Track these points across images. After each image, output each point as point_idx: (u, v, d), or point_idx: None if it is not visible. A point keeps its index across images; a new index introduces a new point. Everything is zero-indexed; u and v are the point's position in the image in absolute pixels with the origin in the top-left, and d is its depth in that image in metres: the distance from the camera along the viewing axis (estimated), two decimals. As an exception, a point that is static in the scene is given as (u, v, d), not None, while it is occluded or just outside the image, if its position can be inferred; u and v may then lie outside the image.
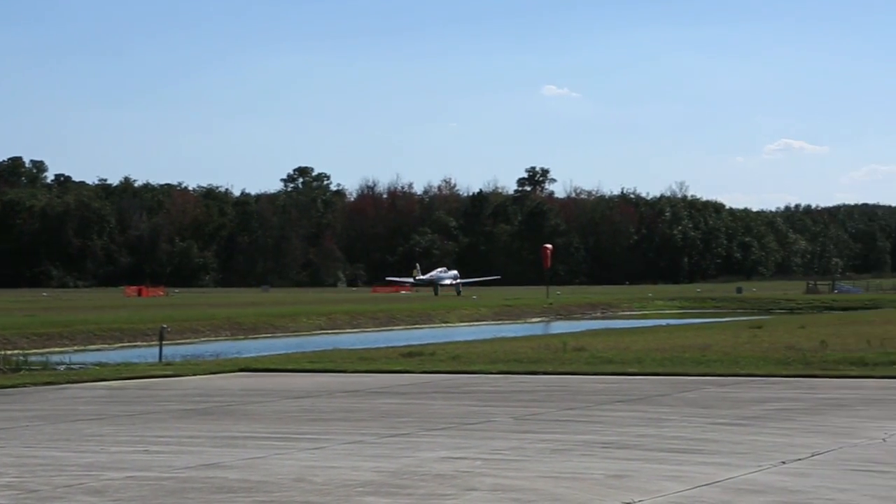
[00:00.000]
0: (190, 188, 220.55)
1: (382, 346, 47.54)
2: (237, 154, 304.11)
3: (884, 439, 18.65)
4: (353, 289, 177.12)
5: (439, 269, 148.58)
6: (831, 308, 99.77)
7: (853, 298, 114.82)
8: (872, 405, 23.50)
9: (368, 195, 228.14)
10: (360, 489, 14.80)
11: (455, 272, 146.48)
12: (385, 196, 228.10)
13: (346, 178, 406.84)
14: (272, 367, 35.96)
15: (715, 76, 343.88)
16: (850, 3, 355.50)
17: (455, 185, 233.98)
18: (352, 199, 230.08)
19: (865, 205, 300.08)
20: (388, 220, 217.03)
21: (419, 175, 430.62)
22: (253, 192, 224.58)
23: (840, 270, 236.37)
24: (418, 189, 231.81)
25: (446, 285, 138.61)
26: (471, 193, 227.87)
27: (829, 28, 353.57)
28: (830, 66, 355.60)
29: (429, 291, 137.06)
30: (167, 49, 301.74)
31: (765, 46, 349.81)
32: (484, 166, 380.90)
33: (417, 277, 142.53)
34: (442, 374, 32.49)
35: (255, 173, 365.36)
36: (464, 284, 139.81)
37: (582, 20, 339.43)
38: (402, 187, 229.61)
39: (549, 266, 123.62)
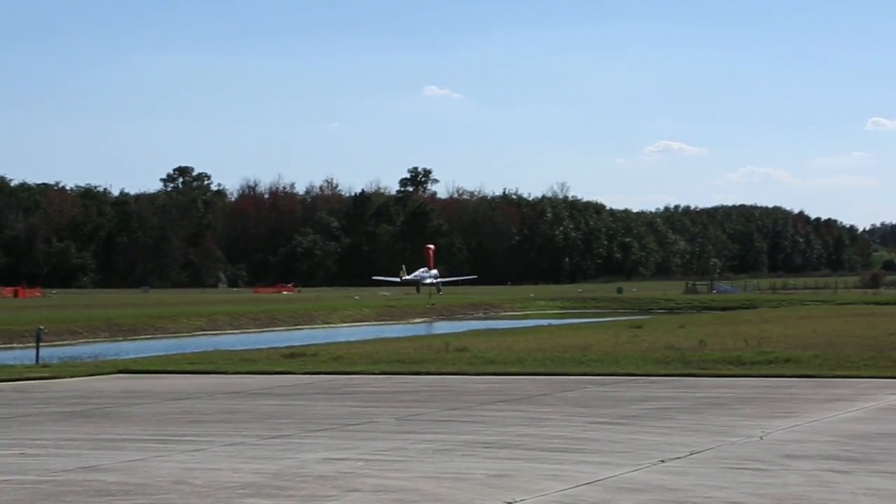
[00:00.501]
0: (67, 188, 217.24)
1: (264, 347, 47.22)
2: (116, 153, 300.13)
3: (761, 437, 18.90)
4: (235, 289, 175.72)
5: (422, 270, 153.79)
6: (710, 308, 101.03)
7: (731, 298, 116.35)
8: (749, 404, 23.82)
9: (249, 195, 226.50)
10: (241, 491, 14.68)
11: (435, 272, 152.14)
12: (266, 196, 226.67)
13: (227, 178, 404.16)
14: (151, 368, 35.58)
15: (595, 77, 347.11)
16: (728, 6, 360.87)
17: (337, 186, 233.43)
18: (233, 200, 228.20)
19: (743, 206, 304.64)
20: (269, 220, 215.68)
21: (301, 175, 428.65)
22: (132, 192, 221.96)
23: (718, 271, 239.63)
24: (300, 189, 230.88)
25: (427, 284, 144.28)
26: (353, 194, 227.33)
27: (707, 30, 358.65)
28: (708, 69, 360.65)
29: (410, 290, 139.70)
30: (45, 48, 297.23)
31: (644, 48, 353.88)
32: (366, 167, 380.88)
33: (404, 277, 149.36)
34: (324, 375, 32.39)
35: (135, 173, 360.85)
36: (443, 283, 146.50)
37: (463, 21, 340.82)
38: (284, 187, 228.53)
39: (431, 266, 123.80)
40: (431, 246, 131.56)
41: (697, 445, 18.03)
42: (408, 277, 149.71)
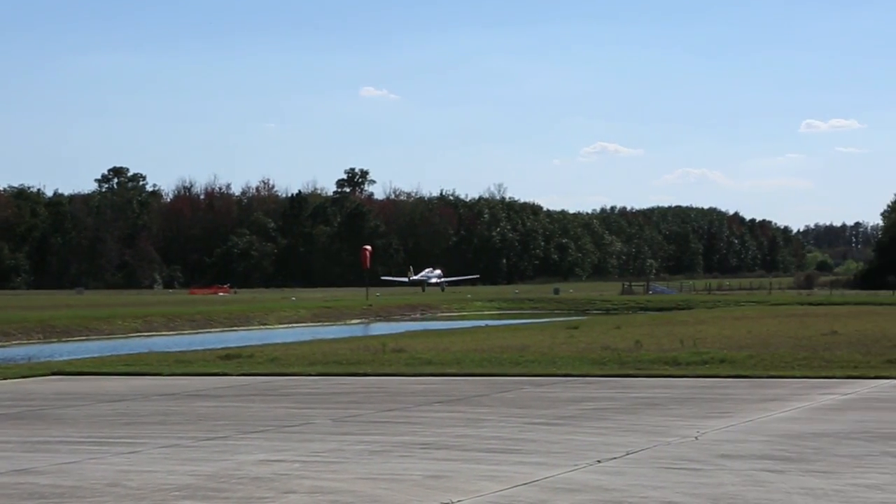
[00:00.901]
0: (0, 188, 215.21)
1: (199, 348, 46.99)
2: (50, 154, 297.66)
3: (696, 437, 19.00)
4: (170, 291, 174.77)
5: (427, 270, 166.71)
6: (646, 309, 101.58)
7: (667, 299, 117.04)
8: (685, 404, 23.95)
9: (185, 196, 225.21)
10: (176, 493, 14.59)
11: (439, 272, 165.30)
12: (202, 197, 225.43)
13: (163, 179, 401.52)
14: (86, 370, 35.28)
15: (532, 79, 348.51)
16: (665, 7, 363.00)
17: (273, 186, 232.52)
18: (168, 200, 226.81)
19: (679, 207, 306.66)
20: (205, 221, 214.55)
21: (237, 176, 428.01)
22: (66, 193, 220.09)
23: (654, 271, 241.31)
24: (236, 190, 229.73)
25: (433, 283, 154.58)
26: (289, 195, 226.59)
27: (644, 32, 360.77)
28: (645, 70, 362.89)
29: (416, 290, 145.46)
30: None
31: (581, 49, 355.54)
32: (303, 167, 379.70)
33: (411, 278, 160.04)
34: (260, 377, 32.25)
35: (69, 173, 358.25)
36: (447, 283, 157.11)
37: (399, 22, 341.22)
38: (220, 188, 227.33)
39: (368, 267, 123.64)
40: (368, 247, 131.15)
41: (633, 446, 18.10)
42: (415, 277, 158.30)
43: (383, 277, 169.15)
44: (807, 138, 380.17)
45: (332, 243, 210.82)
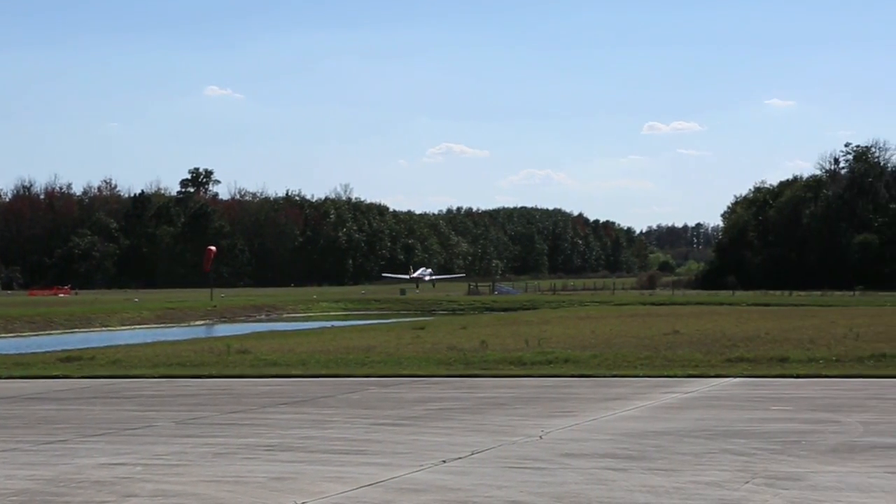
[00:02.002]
0: None
1: (39, 350, 46.16)
2: None
3: (540, 437, 19.14)
4: (9, 292, 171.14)
5: (422, 269, 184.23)
6: (492, 309, 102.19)
7: (512, 299, 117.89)
8: (530, 404, 24.12)
9: (24, 196, 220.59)
10: (14, 498, 14.29)
11: (430, 270, 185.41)
12: (42, 197, 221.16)
13: (1, 179, 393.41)
14: (-79, 373, 34.39)
15: (378, 79, 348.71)
16: (511, 12, 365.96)
17: (116, 186, 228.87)
18: (7, 200, 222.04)
19: (524, 208, 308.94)
20: (45, 221, 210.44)
21: (78, 176, 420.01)
22: None
23: (500, 272, 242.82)
24: (77, 190, 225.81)
25: (426, 281, 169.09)
26: (132, 194, 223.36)
27: (490, 35, 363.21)
28: (490, 72, 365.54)
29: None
30: None
31: (427, 51, 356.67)
32: (146, 167, 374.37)
33: (412, 275, 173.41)
34: (102, 379, 31.79)
35: None
36: (437, 280, 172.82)
37: (244, 22, 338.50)
38: (61, 188, 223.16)
39: (210, 268, 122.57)
40: (213, 247, 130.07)
41: (478, 445, 18.17)
42: (414, 275, 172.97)
43: (384, 274, 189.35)
44: (649, 140, 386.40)
45: (175, 244, 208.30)
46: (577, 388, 27.39)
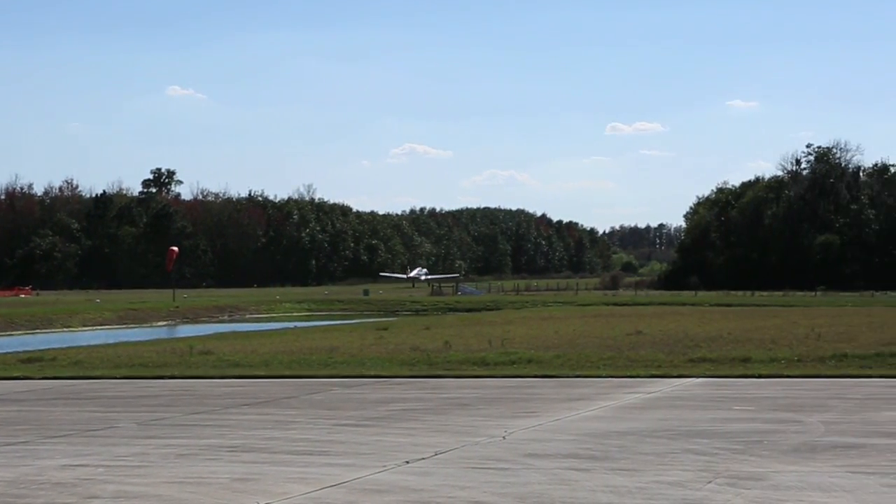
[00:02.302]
0: None
1: (0, 351, 45.83)
2: None
3: (504, 437, 19.15)
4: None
5: (418, 269, 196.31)
6: (455, 309, 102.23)
7: (476, 300, 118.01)
8: (493, 404, 24.13)
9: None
10: (-26, 501, 14.18)
11: (426, 270, 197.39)
12: (3, 197, 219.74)
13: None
14: None
15: (341, 80, 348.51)
16: (475, 12, 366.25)
17: (77, 187, 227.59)
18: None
19: (487, 208, 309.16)
20: (5, 221, 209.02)
21: (39, 176, 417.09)
22: None
23: (463, 272, 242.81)
24: (38, 190, 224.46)
25: (422, 280, 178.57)
26: (94, 195, 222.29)
27: (453, 35, 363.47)
28: (453, 73, 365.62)
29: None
30: None
31: (390, 51, 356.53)
32: (108, 167, 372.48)
33: (409, 275, 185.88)
34: (63, 380, 31.62)
35: None
36: (433, 280, 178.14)
37: (206, 22, 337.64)
38: (22, 188, 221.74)
39: (173, 269, 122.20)
40: (175, 248, 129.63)
41: (442, 446, 18.16)
42: (411, 275, 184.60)
43: (381, 273, 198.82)
44: (612, 141, 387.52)
45: (137, 244, 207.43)
46: (540, 389, 27.42)
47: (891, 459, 16.43)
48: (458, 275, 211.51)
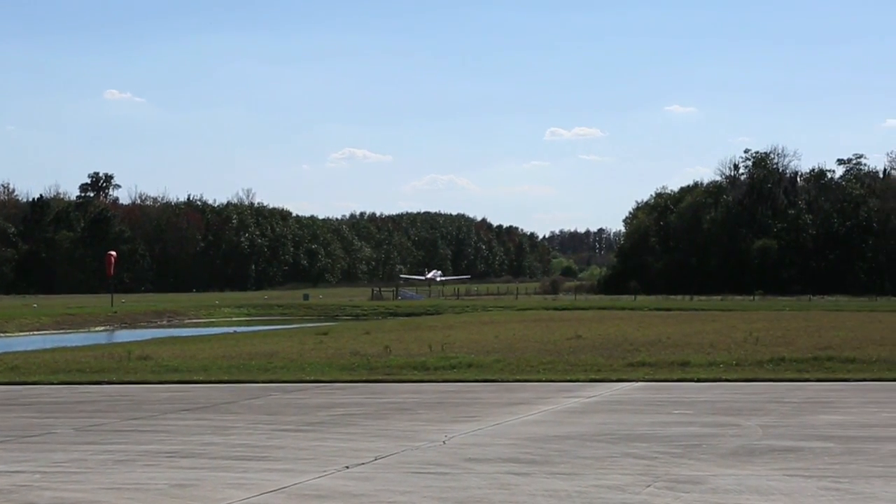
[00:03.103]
0: None
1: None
2: None
3: (444, 441, 19.15)
4: None
5: (434, 271, 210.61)
6: (395, 314, 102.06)
7: (416, 304, 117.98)
8: (433, 409, 24.13)
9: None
10: None
11: (440, 272, 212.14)
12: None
13: None
14: None
15: (280, 83, 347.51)
16: (410, 16, 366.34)
17: (14, 191, 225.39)
18: None
19: (427, 213, 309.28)
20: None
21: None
22: None
23: (401, 277, 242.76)
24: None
25: (437, 282, 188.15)
26: (31, 199, 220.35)
27: (391, 39, 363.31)
28: (392, 77, 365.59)
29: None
30: None
31: (329, 55, 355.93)
32: (45, 171, 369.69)
33: (427, 276, 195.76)
34: (-1, 386, 31.30)
35: None
36: (445, 281, 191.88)
37: (145, 24, 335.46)
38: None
39: (112, 273, 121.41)
40: (113, 252, 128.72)
41: (382, 451, 18.14)
42: (428, 276, 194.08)
43: (402, 276, 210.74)
44: (551, 145, 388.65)
45: (75, 249, 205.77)
46: (480, 393, 27.44)
47: (828, 463, 16.56)
48: (468, 276, 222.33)
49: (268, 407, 25.11)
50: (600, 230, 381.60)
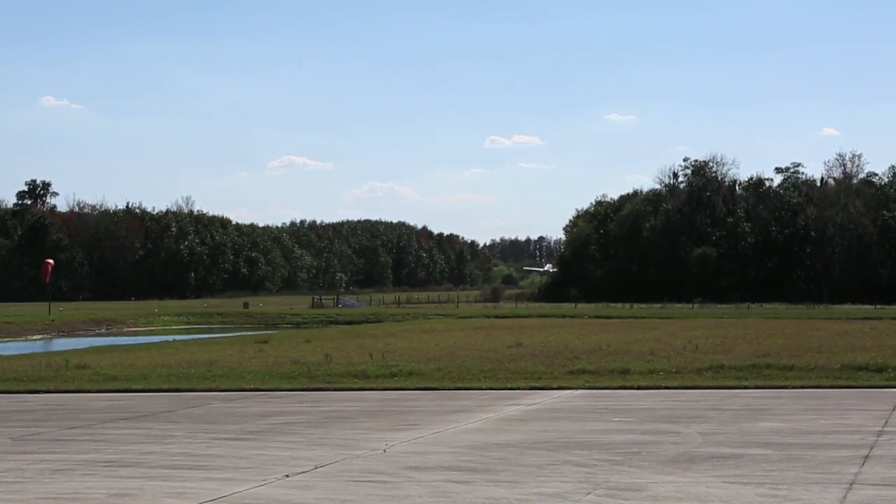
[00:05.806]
0: None
1: None
2: None
3: (384, 450, 19.12)
4: None
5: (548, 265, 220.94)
6: (336, 322, 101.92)
7: (357, 312, 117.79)
8: (374, 417, 24.09)
9: None
10: None
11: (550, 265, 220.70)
12: None
13: None
14: None
15: (219, 92, 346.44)
16: (352, 24, 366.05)
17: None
18: None
19: (368, 221, 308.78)
20: None
21: None
22: None
23: (344, 285, 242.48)
24: None
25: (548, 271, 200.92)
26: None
27: (330, 47, 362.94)
28: (332, 85, 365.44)
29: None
30: None
31: (267, 63, 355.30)
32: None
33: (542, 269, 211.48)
34: (-65, 395, 30.94)
35: None
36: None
37: (82, 31, 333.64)
38: None
39: (49, 281, 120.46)
40: (51, 260, 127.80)
41: (322, 459, 18.09)
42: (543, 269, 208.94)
43: (524, 269, 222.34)
44: (491, 153, 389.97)
45: (11, 257, 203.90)
46: (421, 401, 27.43)
47: (766, 469, 16.66)
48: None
49: (207, 416, 24.97)
50: (541, 238, 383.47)
